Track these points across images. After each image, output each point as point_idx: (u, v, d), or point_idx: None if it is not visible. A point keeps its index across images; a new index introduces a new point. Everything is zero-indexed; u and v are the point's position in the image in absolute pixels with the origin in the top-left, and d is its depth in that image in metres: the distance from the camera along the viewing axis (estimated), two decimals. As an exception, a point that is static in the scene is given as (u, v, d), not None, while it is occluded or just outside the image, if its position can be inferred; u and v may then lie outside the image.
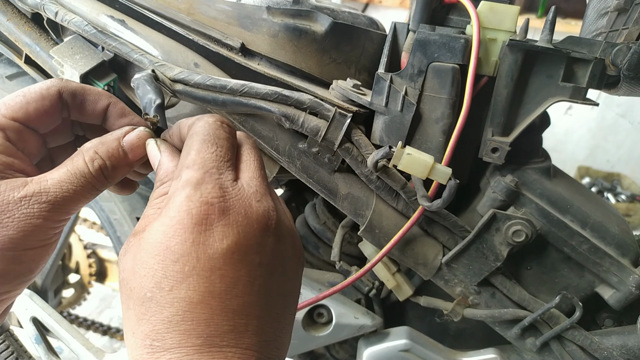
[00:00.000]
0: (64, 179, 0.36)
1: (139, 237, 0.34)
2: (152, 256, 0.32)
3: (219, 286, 0.31)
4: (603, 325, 0.67)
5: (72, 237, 1.37)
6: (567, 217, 0.61)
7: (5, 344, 0.72)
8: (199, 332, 0.30)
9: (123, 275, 0.33)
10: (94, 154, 0.38)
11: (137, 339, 0.31)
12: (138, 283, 0.32)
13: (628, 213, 2.56)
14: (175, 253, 0.31)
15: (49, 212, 0.35)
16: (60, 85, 0.40)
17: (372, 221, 0.62)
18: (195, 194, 0.32)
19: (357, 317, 0.71)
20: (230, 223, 0.32)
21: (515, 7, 0.58)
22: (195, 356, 0.30)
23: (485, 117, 0.61)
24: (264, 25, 0.64)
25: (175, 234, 0.31)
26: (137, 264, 0.32)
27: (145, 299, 0.31)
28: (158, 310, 0.31)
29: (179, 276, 0.31)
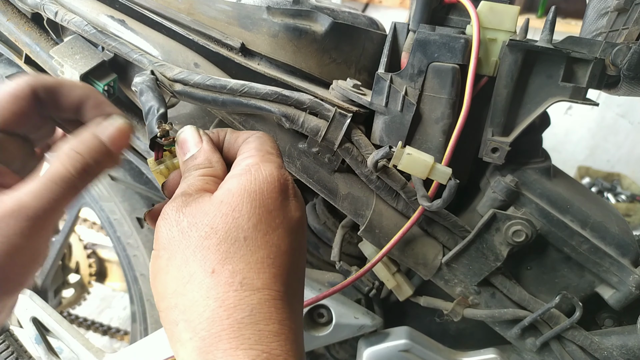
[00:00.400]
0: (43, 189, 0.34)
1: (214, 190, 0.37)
2: (249, 201, 0.35)
3: (295, 245, 0.36)
4: (603, 325, 0.67)
5: (72, 237, 1.37)
6: (567, 217, 0.61)
7: (5, 344, 0.72)
8: (283, 279, 0.34)
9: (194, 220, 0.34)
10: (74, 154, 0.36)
11: (220, 276, 0.32)
12: (230, 224, 0.34)
13: (628, 213, 2.56)
14: (269, 205, 0.35)
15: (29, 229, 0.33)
16: (31, 82, 0.38)
17: (372, 221, 0.62)
18: (280, 170, 0.38)
19: (357, 317, 0.71)
20: (299, 201, 0.39)
21: (515, 7, 0.58)
22: (279, 302, 0.33)
23: (485, 117, 0.61)
24: (264, 25, 0.64)
25: (269, 191, 0.36)
26: (226, 206, 0.34)
27: (238, 238, 0.33)
28: (254, 250, 0.33)
29: (273, 224, 0.35)
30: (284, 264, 0.35)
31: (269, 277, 0.33)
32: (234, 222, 0.34)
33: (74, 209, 1.09)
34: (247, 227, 0.34)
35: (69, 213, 1.10)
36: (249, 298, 0.32)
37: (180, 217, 0.35)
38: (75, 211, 1.10)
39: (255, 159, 0.38)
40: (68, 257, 1.40)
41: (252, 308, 0.32)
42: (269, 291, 0.33)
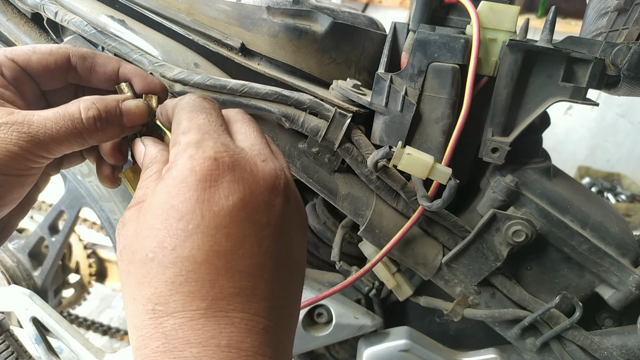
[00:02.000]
0: (51, 118, 0.37)
1: (139, 206, 0.33)
2: (156, 216, 0.30)
3: (225, 245, 0.29)
4: (603, 325, 0.67)
5: (72, 237, 1.36)
6: (567, 217, 0.61)
7: (5, 344, 0.72)
8: (203, 294, 0.29)
9: (124, 242, 0.32)
10: (91, 104, 0.38)
11: (138, 304, 0.29)
12: (140, 245, 0.30)
13: (628, 213, 2.56)
14: (179, 211, 0.30)
15: (26, 143, 0.35)
16: (70, 49, 0.42)
17: (372, 221, 0.62)
18: (198, 151, 0.31)
19: (357, 317, 0.71)
20: (235, 179, 0.31)
21: (515, 7, 0.58)
22: (200, 321, 0.28)
23: (485, 117, 0.61)
24: (264, 25, 0.64)
25: (179, 192, 0.30)
26: (140, 227, 0.31)
27: (147, 260, 0.30)
28: (160, 271, 0.29)
29: (183, 234, 0.29)
30: (205, 276, 0.29)
31: (184, 296, 0.29)
32: (142, 243, 0.30)
33: (74, 209, 1.09)
34: (152, 247, 0.30)
35: (68, 213, 1.10)
36: (162, 326, 0.28)
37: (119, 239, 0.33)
38: (75, 211, 1.10)
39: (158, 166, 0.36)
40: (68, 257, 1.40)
41: (165, 335, 0.28)
42: (187, 312, 0.29)
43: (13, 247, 1.14)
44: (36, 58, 0.40)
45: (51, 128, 0.36)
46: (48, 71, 0.41)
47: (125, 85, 0.44)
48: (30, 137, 0.35)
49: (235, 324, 0.29)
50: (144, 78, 0.44)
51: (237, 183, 0.31)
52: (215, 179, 0.30)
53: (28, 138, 0.35)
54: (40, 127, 0.36)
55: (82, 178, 0.94)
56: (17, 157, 0.35)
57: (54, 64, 0.41)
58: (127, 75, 0.44)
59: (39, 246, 1.17)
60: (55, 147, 0.37)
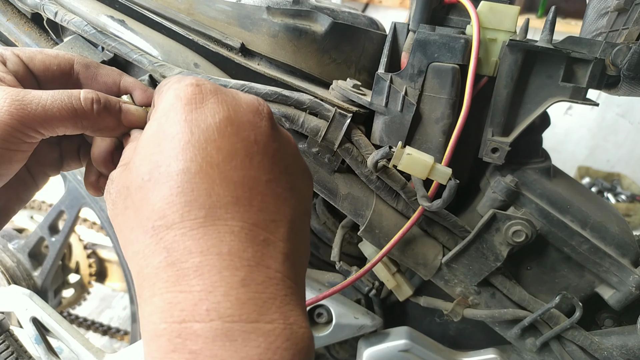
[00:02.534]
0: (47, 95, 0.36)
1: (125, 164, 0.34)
2: (148, 144, 0.31)
3: (217, 157, 0.30)
4: (603, 325, 0.67)
5: (72, 237, 1.36)
6: (567, 217, 0.61)
7: (5, 344, 0.72)
8: (200, 202, 0.29)
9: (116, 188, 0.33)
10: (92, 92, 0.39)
11: (136, 230, 0.30)
12: (134, 175, 0.31)
13: (628, 213, 2.56)
14: (169, 133, 0.31)
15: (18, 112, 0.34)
16: (76, 56, 0.43)
17: (372, 221, 0.62)
18: (180, 83, 0.33)
19: (357, 317, 0.71)
20: (219, 101, 0.32)
21: (515, 7, 0.58)
22: (200, 230, 0.28)
23: (485, 117, 0.61)
24: (264, 25, 0.64)
25: (168, 119, 0.31)
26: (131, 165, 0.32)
27: (142, 183, 0.30)
28: (157, 188, 0.29)
29: (175, 151, 0.30)
30: (200, 185, 0.29)
31: (182, 207, 0.29)
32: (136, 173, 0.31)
33: (74, 208, 1.09)
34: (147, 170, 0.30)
35: (68, 213, 1.10)
36: (162, 240, 0.29)
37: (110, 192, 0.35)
38: (75, 211, 1.10)
39: None
40: (68, 257, 1.40)
41: (167, 249, 0.28)
42: (186, 223, 0.29)
43: (13, 247, 1.14)
44: (40, 57, 0.41)
45: (46, 100, 0.36)
46: (50, 72, 0.41)
47: (126, 97, 0.45)
48: (22, 107, 0.35)
49: (235, 232, 0.29)
50: (144, 91, 0.44)
51: (221, 104, 0.32)
52: (200, 101, 0.32)
53: (20, 107, 0.34)
54: (34, 101, 0.35)
55: (82, 178, 0.94)
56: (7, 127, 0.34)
57: (56, 67, 0.41)
58: (128, 88, 0.45)
59: (39, 246, 1.17)
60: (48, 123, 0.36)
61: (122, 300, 2.00)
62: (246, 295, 0.27)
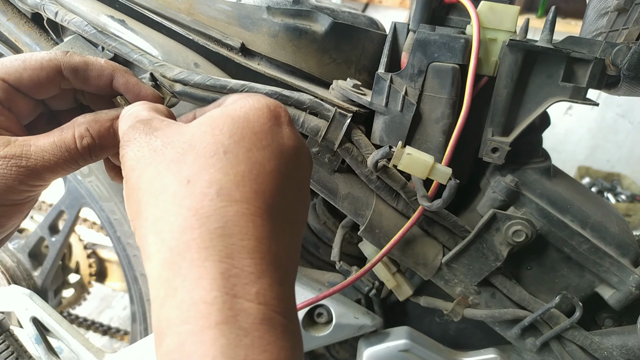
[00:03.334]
0: (48, 149, 0.37)
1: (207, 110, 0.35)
2: (231, 122, 0.33)
3: (285, 172, 0.33)
4: (603, 325, 0.67)
5: (72, 237, 1.36)
6: (567, 217, 0.61)
7: (5, 344, 0.72)
8: (265, 198, 0.31)
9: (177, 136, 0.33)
10: (85, 131, 0.39)
11: (195, 186, 0.30)
12: (209, 140, 0.32)
13: (628, 213, 2.56)
14: (255, 128, 0.33)
15: (25, 177, 0.36)
16: (61, 60, 0.41)
17: (372, 221, 0.62)
18: (270, 99, 0.36)
19: (357, 317, 0.71)
20: (294, 129, 0.36)
21: (515, 7, 0.58)
22: (258, 219, 0.30)
23: (485, 117, 0.61)
24: (264, 25, 0.64)
25: (256, 114, 0.33)
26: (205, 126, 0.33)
27: (217, 152, 0.31)
28: (235, 163, 0.31)
29: (257, 145, 0.32)
30: (268, 184, 0.32)
31: (249, 191, 0.30)
32: (214, 139, 0.32)
33: (74, 208, 1.09)
34: (227, 143, 0.32)
35: (68, 213, 1.10)
36: (224, 209, 0.29)
37: (151, 139, 0.33)
38: (75, 211, 1.10)
39: (241, 94, 0.37)
40: (68, 257, 1.40)
41: (227, 220, 0.29)
42: (248, 205, 0.30)
43: (13, 247, 1.14)
44: (27, 75, 0.39)
45: (49, 160, 0.37)
46: (40, 86, 0.40)
47: (120, 98, 0.44)
48: (29, 171, 0.36)
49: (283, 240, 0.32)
50: (136, 94, 0.44)
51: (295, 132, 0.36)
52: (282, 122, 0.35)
53: (26, 172, 0.36)
54: (39, 159, 0.37)
55: (82, 178, 0.94)
56: (16, 190, 0.36)
57: (45, 79, 0.40)
58: (120, 89, 0.44)
59: (39, 246, 1.17)
60: (52, 176, 0.38)
61: (122, 300, 2.00)
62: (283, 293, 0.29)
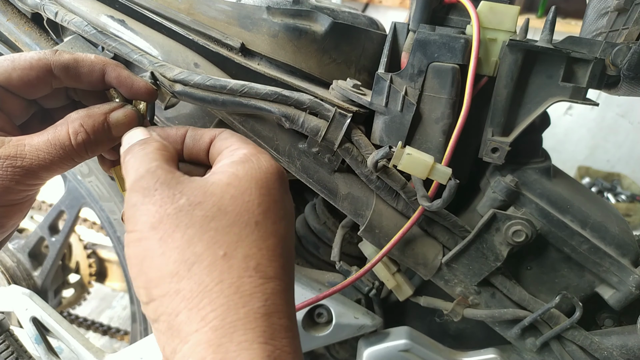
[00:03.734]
0: (42, 148, 0.37)
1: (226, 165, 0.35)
2: (257, 188, 0.34)
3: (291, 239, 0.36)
4: (603, 325, 0.67)
5: (72, 237, 1.36)
6: (567, 217, 0.61)
7: (5, 344, 0.72)
8: (287, 271, 0.33)
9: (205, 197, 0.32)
10: (79, 127, 0.39)
11: (234, 260, 0.30)
12: (241, 207, 0.32)
13: (628, 213, 2.56)
14: (275, 195, 0.34)
15: (21, 177, 0.36)
16: (51, 59, 0.40)
17: (372, 221, 0.62)
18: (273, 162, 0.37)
19: (357, 317, 0.71)
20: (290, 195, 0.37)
21: (515, 7, 0.58)
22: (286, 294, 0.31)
23: (485, 117, 0.61)
24: (264, 25, 0.64)
25: (273, 180, 0.35)
26: (233, 189, 0.33)
27: (249, 223, 0.32)
28: (265, 237, 0.32)
29: (279, 214, 0.34)
30: (288, 256, 0.33)
31: (279, 266, 0.31)
32: (244, 206, 0.32)
33: (74, 208, 1.09)
34: (257, 213, 0.32)
35: (68, 213, 1.10)
36: (263, 287, 0.30)
37: (175, 195, 0.31)
38: (75, 211, 1.10)
39: (249, 149, 0.37)
40: (68, 257, 1.40)
41: (266, 298, 0.29)
42: (280, 282, 0.31)
43: (13, 247, 1.14)
44: (17, 75, 0.39)
45: (44, 158, 0.37)
46: (31, 86, 0.40)
47: (114, 91, 0.43)
48: (25, 171, 0.36)
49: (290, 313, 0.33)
50: (129, 87, 0.43)
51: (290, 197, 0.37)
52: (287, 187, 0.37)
53: (22, 172, 0.36)
54: (34, 159, 0.37)
55: (82, 178, 0.94)
56: (13, 190, 0.36)
57: (35, 79, 0.40)
58: (112, 83, 0.43)
59: (39, 246, 1.17)
60: (48, 174, 0.38)
61: (122, 300, 2.00)
62: None
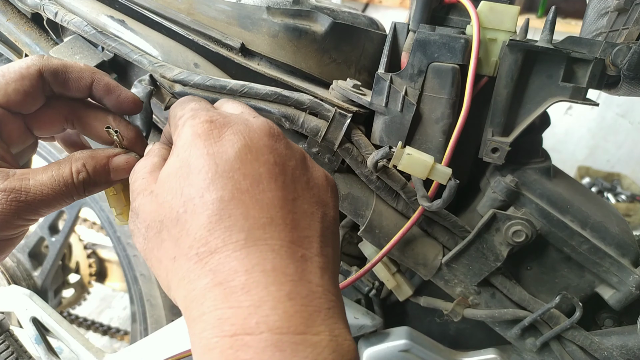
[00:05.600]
0: (47, 184, 0.38)
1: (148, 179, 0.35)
2: (175, 179, 0.33)
3: (245, 183, 0.32)
4: (603, 325, 0.67)
5: (72, 237, 1.36)
6: (567, 217, 0.61)
7: (5, 344, 0.72)
8: (239, 226, 0.30)
9: (146, 222, 0.33)
10: (82, 167, 0.40)
11: (179, 259, 0.31)
12: (167, 209, 0.32)
13: (628, 213, 2.56)
14: (195, 167, 0.32)
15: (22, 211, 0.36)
16: (40, 64, 0.40)
17: (372, 221, 0.62)
18: (194, 120, 0.35)
19: (357, 317, 0.71)
20: (234, 132, 0.34)
21: (515, 7, 0.58)
22: (243, 251, 0.30)
23: (485, 117, 0.61)
24: (264, 25, 0.64)
25: (191, 154, 0.33)
26: (160, 198, 0.33)
27: (178, 216, 0.32)
28: (195, 218, 0.31)
29: (205, 183, 0.32)
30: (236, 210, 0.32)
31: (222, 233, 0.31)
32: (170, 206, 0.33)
33: (74, 208, 1.09)
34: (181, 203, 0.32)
35: (69, 213, 1.10)
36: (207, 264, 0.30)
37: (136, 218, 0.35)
38: (75, 211, 1.10)
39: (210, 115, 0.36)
40: (68, 257, 1.40)
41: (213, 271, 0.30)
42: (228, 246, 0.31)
43: (13, 247, 1.14)
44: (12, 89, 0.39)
45: (47, 194, 0.37)
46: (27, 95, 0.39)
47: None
48: (27, 205, 0.36)
49: (276, 250, 0.30)
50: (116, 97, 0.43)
51: (237, 134, 0.34)
52: (217, 135, 0.34)
53: (25, 207, 0.36)
54: (37, 194, 0.37)
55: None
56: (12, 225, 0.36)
57: (30, 87, 0.39)
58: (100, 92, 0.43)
59: (39, 246, 1.17)
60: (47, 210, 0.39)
61: (122, 300, 2.00)
62: (293, 309, 0.28)
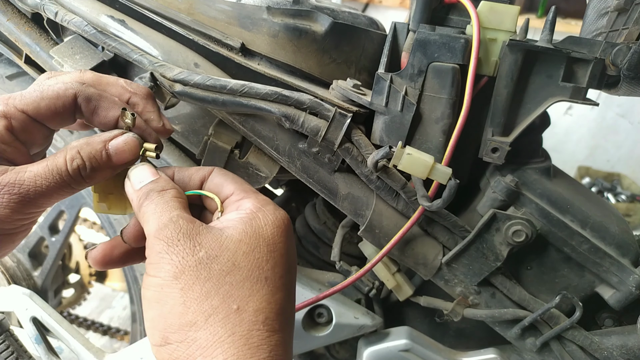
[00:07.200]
0: (41, 174, 0.37)
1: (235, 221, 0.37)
2: (265, 245, 0.36)
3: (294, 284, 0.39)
4: (603, 325, 0.67)
5: (72, 237, 1.36)
6: (567, 217, 0.61)
7: (5, 344, 0.72)
8: (289, 321, 0.36)
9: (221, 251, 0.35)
10: (76, 154, 0.39)
11: (245, 314, 0.33)
12: (252, 263, 0.35)
13: (628, 213, 2.56)
14: (281, 250, 0.37)
15: (17, 204, 0.36)
16: (77, 89, 0.41)
17: (372, 221, 0.62)
18: (281, 211, 0.39)
19: (357, 317, 0.71)
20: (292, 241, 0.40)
21: (515, 7, 0.58)
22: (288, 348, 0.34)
23: (485, 117, 0.61)
24: (264, 25, 0.64)
25: (279, 235, 0.37)
26: (245, 245, 0.36)
27: (261, 278, 0.35)
28: (274, 291, 0.35)
29: (285, 268, 0.37)
30: (291, 308, 0.37)
31: (284, 320, 0.35)
32: (256, 262, 0.35)
33: (74, 208, 1.09)
34: (267, 269, 0.35)
35: (69, 213, 1.10)
36: (269, 339, 0.33)
37: (195, 247, 0.34)
38: (75, 211, 1.10)
39: (253, 203, 0.39)
40: (68, 257, 1.39)
41: (271, 349, 0.33)
42: (283, 335, 0.34)
43: (13, 247, 1.14)
44: (45, 105, 0.39)
45: (41, 184, 0.37)
46: (57, 115, 0.40)
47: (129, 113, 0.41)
48: (21, 198, 0.36)
49: None
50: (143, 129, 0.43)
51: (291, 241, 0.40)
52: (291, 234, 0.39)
53: (19, 199, 0.36)
54: (31, 185, 0.37)
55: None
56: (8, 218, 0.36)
57: (62, 108, 0.40)
58: None
59: (39, 246, 1.17)
60: (46, 201, 0.38)
61: (122, 300, 2.00)
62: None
